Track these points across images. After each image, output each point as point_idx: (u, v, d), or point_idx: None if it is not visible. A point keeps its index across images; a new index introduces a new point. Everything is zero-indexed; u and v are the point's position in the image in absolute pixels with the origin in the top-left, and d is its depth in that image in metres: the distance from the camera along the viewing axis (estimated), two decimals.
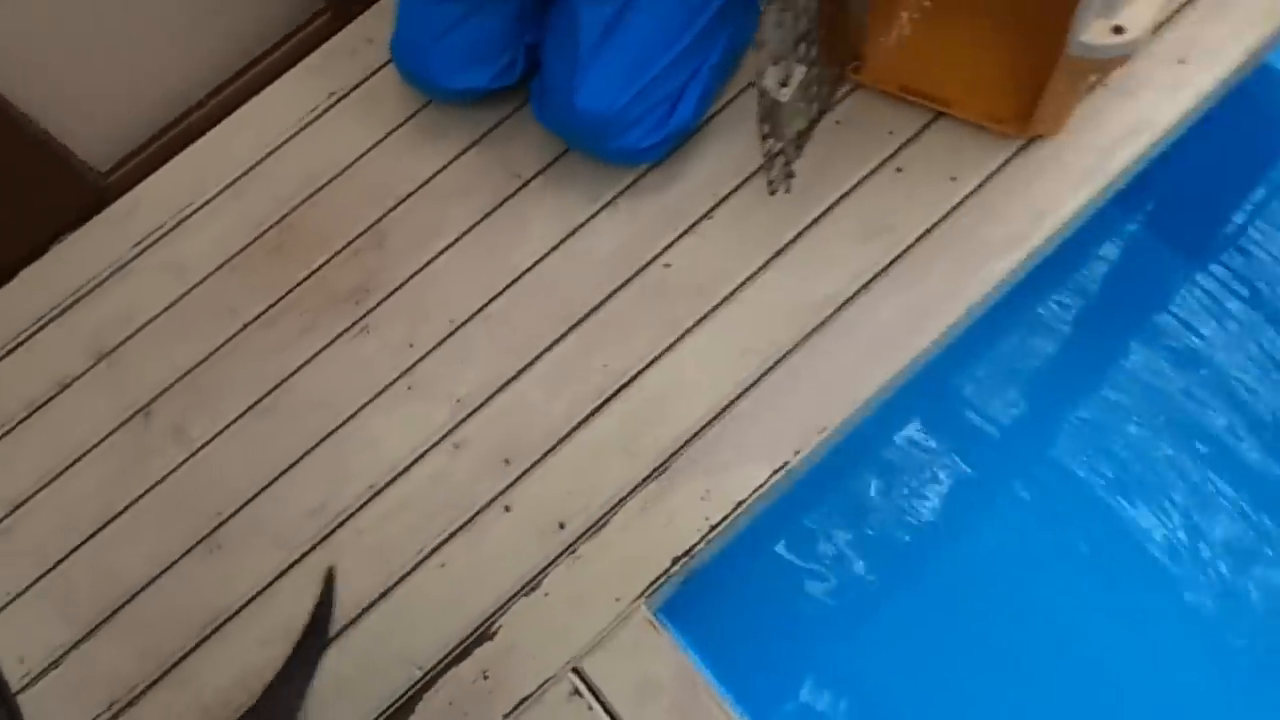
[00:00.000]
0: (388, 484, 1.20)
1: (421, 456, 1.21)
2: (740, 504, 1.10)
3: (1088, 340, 1.48)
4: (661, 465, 1.13)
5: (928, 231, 1.18)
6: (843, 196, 1.22)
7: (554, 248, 1.28)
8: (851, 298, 1.17)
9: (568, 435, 1.17)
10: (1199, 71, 1.19)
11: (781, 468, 1.11)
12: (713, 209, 1.25)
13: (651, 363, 1.19)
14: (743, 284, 1.21)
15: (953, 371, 1.46)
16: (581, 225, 1.28)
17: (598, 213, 1.28)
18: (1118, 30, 0.98)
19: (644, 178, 1.28)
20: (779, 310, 1.18)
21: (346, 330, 1.29)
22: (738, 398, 1.15)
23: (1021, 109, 1.17)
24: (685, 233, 1.25)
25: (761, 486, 1.11)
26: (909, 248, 1.18)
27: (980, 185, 1.19)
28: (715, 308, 1.20)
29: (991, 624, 1.33)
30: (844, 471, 1.42)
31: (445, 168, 1.35)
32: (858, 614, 1.37)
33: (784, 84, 1.00)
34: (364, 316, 1.29)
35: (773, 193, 1.21)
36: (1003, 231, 1.16)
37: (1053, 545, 1.37)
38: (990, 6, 1.22)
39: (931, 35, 1.24)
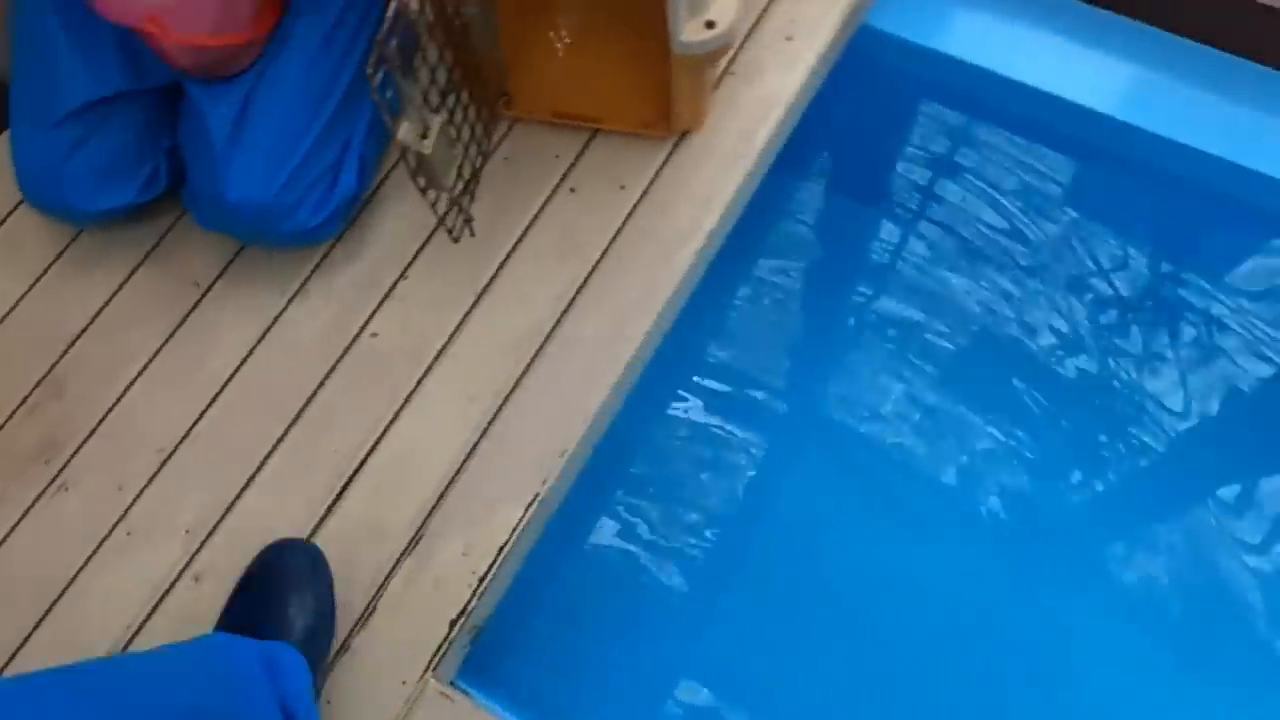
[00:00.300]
0: (131, 639, 1.10)
1: (163, 598, 1.12)
2: (503, 548, 1.10)
3: (801, 294, 1.60)
4: (415, 536, 1.11)
5: (612, 241, 1.24)
6: (527, 228, 1.26)
7: (253, 348, 1.23)
8: (558, 321, 1.20)
9: (313, 533, 1.13)
10: (805, 45, 1.33)
11: (534, 500, 1.12)
12: (405, 269, 1.25)
13: (381, 436, 1.17)
14: (452, 335, 1.21)
15: (690, 355, 1.53)
16: (277, 317, 1.24)
17: (290, 300, 1.25)
18: (710, 25, 1.07)
19: (329, 255, 1.26)
20: (493, 351, 1.19)
21: (43, 493, 1.17)
22: (474, 447, 1.15)
23: (664, 111, 1.25)
24: (384, 299, 1.24)
25: (520, 525, 1.11)
26: (599, 261, 1.23)
27: (647, 188, 1.26)
28: (431, 364, 1.20)
29: (801, 590, 1.39)
30: (612, 485, 1.46)
31: (114, 295, 1.26)
32: (669, 615, 1.41)
33: (424, 136, 1.02)
34: (59, 473, 1.18)
35: (456, 240, 1.22)
36: (677, 225, 1.24)
37: (833, 495, 1.45)
38: (617, 25, 1.30)
39: (570, 60, 1.31)
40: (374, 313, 1.23)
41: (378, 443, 1.16)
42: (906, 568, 1.39)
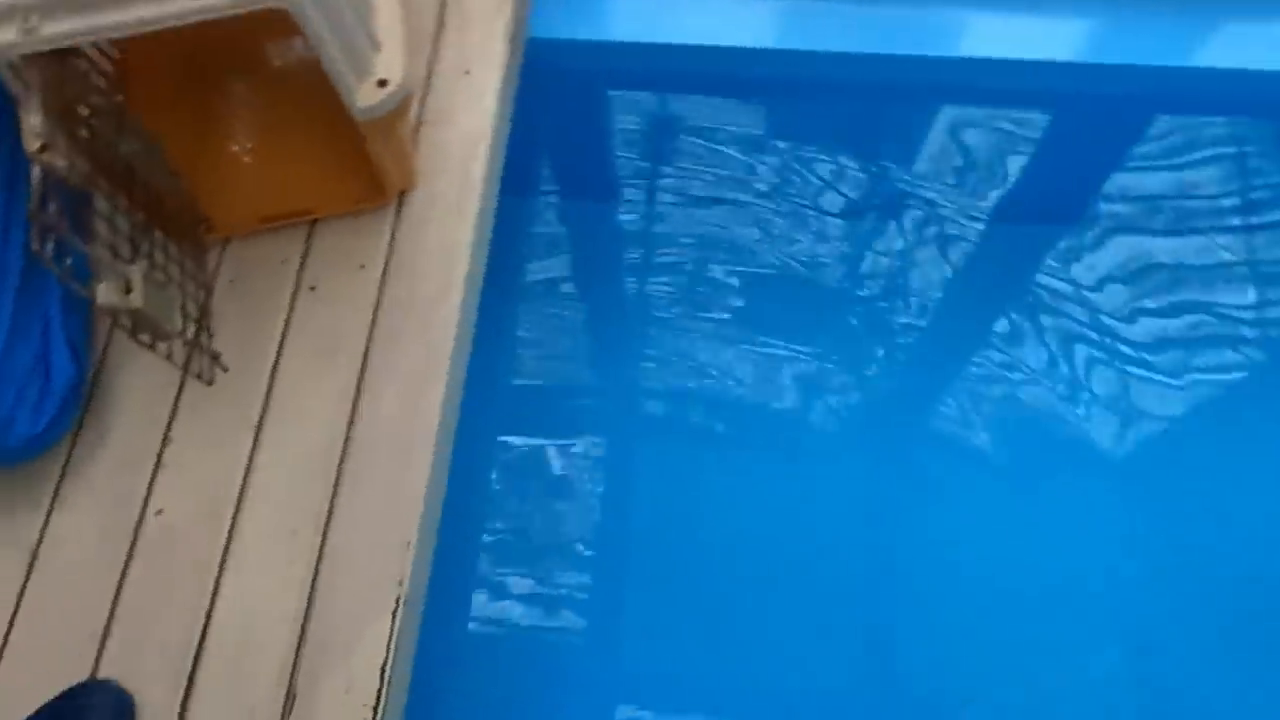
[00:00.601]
0: None
1: None
2: (385, 667, 1.03)
3: (578, 299, 1.62)
4: (288, 697, 1.02)
5: (371, 325, 1.19)
6: (280, 342, 1.19)
7: (27, 577, 1.08)
8: (350, 421, 1.14)
9: None
10: (484, 75, 1.34)
11: (397, 605, 1.06)
12: (166, 433, 1.14)
13: (209, 612, 1.06)
14: (246, 477, 1.12)
15: (498, 395, 1.52)
16: (41, 539, 1.10)
17: (49, 515, 1.11)
18: (382, 84, 1.06)
19: (74, 452, 1.13)
20: (296, 477, 1.12)
21: None
22: (314, 579, 1.07)
23: (374, 180, 1.22)
24: (155, 472, 1.12)
25: (392, 636, 1.04)
26: (366, 348, 1.18)
27: (387, 259, 1.23)
28: (234, 518, 1.10)
29: (688, 560, 1.42)
30: (470, 550, 1.42)
31: None
32: (574, 646, 1.39)
33: (128, 291, 0.93)
34: None
35: (210, 382, 1.13)
36: (429, 285, 1.21)
37: (680, 467, 1.50)
38: (296, 114, 1.25)
39: (261, 162, 1.25)
40: (149, 491, 1.12)
41: (208, 620, 1.06)
42: (771, 504, 1.46)
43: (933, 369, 1.59)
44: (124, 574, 1.08)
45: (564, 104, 1.65)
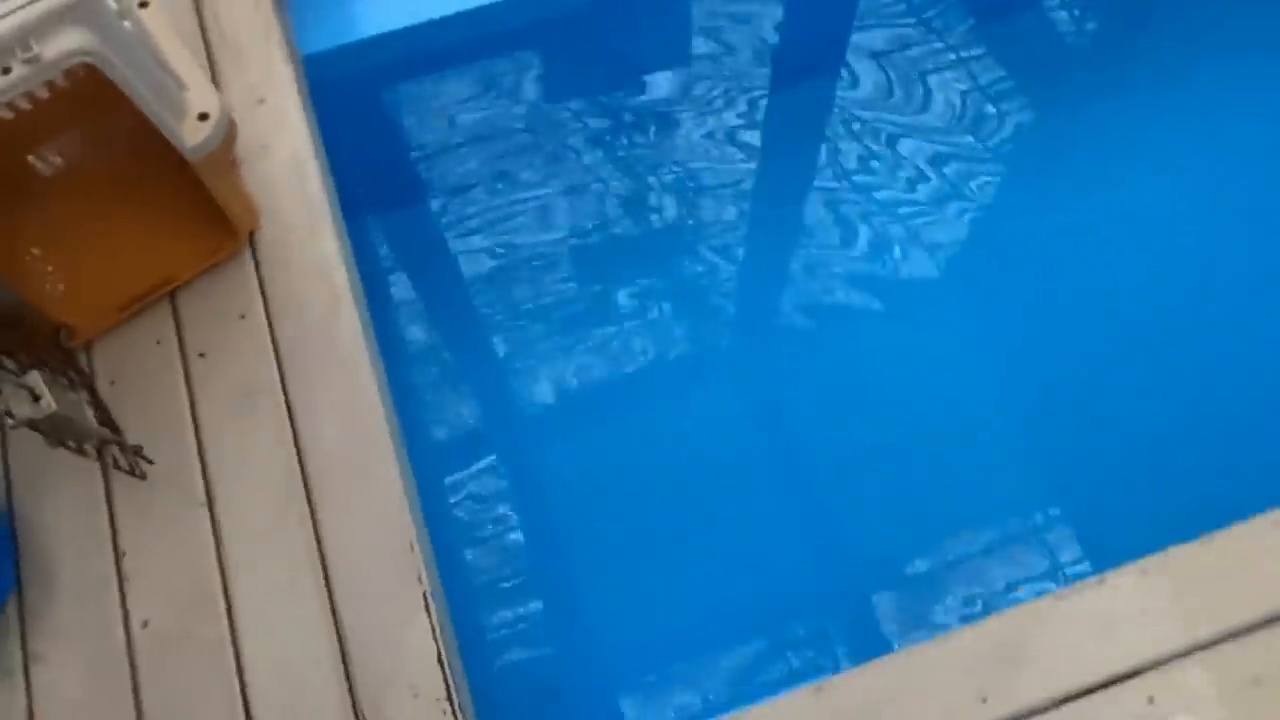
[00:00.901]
0: None
1: None
2: (441, 659, 1.03)
3: (465, 281, 1.63)
4: None
5: (279, 365, 1.17)
6: (193, 417, 1.15)
7: None
8: (299, 459, 1.12)
9: None
10: (277, 98, 1.32)
11: (426, 600, 1.05)
12: (116, 545, 1.08)
13: (243, 688, 1.02)
14: (219, 550, 1.08)
15: (434, 387, 1.54)
16: (30, 703, 1.02)
17: (27, 676, 1.03)
18: (203, 117, 1.04)
19: (25, 603, 1.06)
20: (272, 528, 1.09)
21: None
22: (332, 609, 1.05)
23: (223, 228, 1.19)
24: (123, 587, 1.07)
25: (435, 628, 1.04)
26: (284, 388, 1.15)
27: (264, 298, 1.20)
28: (226, 592, 1.06)
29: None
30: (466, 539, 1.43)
31: None
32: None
33: (37, 399, 0.88)
34: None
35: (142, 476, 1.08)
36: (317, 307, 1.20)
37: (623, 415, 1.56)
38: (116, 192, 1.20)
39: (94, 256, 1.19)
40: (125, 609, 1.06)
41: (245, 693, 1.02)
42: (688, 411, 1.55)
43: (772, 253, 1.70)
44: (137, 695, 1.02)
45: (363, 104, 1.65)
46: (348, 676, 1.03)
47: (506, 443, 1.51)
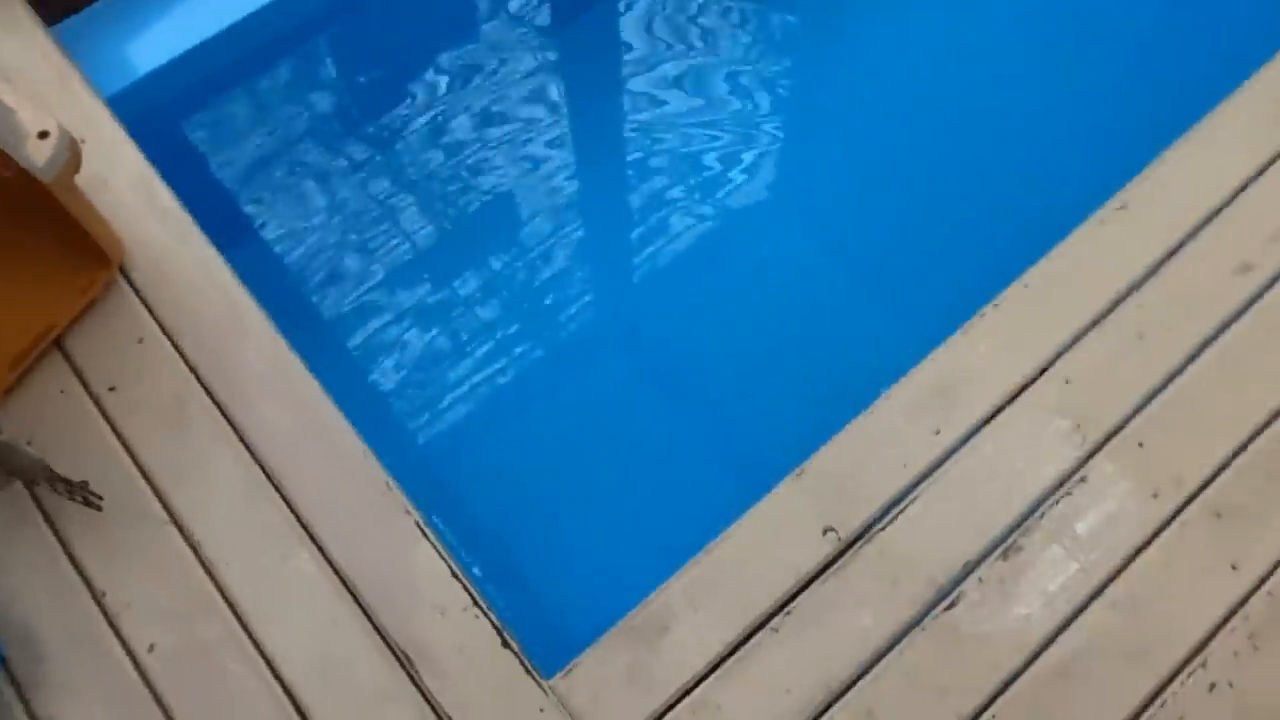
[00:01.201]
0: None
1: None
2: (454, 573, 1.06)
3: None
4: (401, 664, 1.02)
5: (197, 377, 1.15)
6: (127, 448, 1.12)
7: None
8: (260, 463, 1.11)
9: None
10: (100, 133, 1.29)
11: (420, 528, 1.08)
12: (92, 589, 1.05)
13: (277, 674, 1.01)
14: (199, 558, 1.07)
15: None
16: None
17: None
18: (44, 135, 1.02)
19: (17, 674, 1.01)
20: (249, 523, 1.08)
21: None
22: (336, 572, 1.06)
23: (91, 262, 1.16)
24: (113, 624, 1.03)
25: (438, 548, 1.07)
26: (213, 396, 1.14)
27: (159, 319, 1.19)
28: (226, 597, 1.05)
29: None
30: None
31: None
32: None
33: None
34: None
35: (100, 508, 1.05)
36: (214, 310, 1.19)
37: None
38: None
39: None
40: (124, 641, 1.03)
41: (276, 673, 1.02)
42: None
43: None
44: (169, 717, 1.00)
45: (190, 127, 1.62)
46: (371, 622, 1.04)
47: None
